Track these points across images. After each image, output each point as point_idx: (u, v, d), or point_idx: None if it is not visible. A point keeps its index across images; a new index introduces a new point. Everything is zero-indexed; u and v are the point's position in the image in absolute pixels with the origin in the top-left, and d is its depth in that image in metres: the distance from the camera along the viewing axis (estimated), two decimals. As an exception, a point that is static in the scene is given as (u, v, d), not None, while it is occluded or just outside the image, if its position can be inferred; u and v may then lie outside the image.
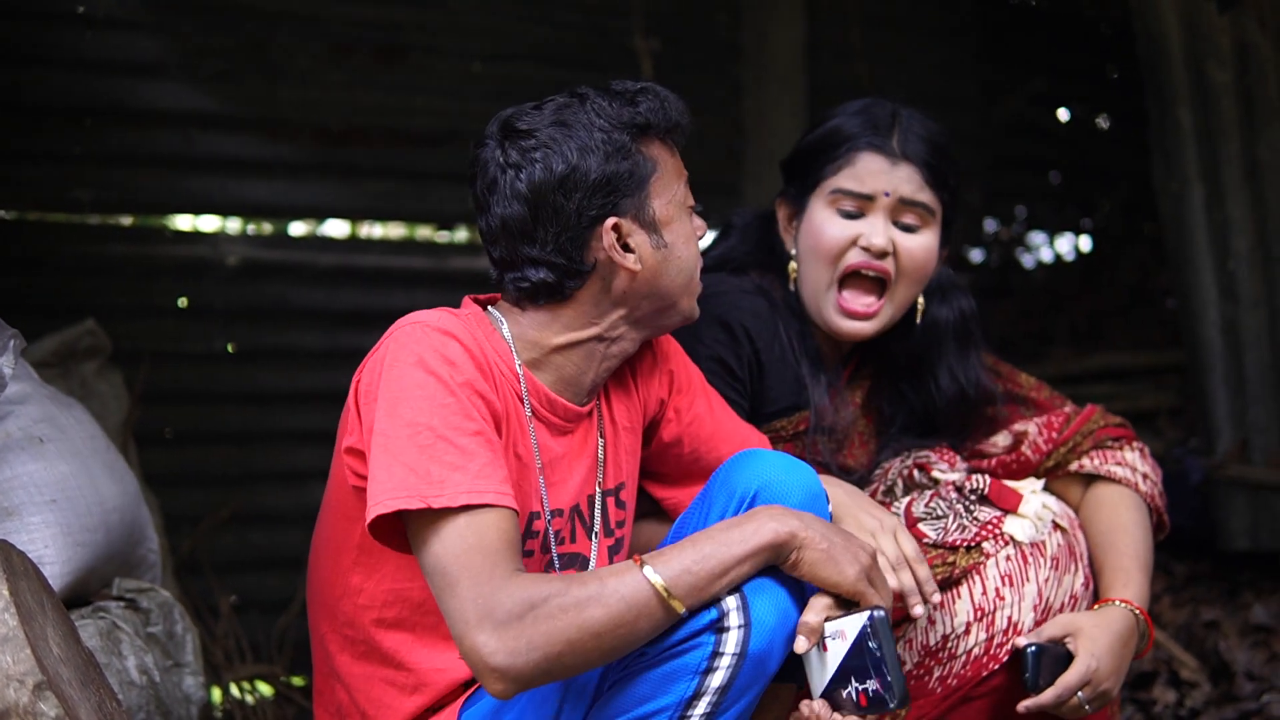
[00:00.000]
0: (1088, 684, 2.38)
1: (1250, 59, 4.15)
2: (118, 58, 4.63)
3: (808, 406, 2.68)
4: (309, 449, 4.88)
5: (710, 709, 2.01)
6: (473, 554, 1.93)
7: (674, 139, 2.26)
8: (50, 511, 2.57)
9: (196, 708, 2.75)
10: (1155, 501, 2.70)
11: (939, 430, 2.78)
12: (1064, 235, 7.31)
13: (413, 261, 5.28)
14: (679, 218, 2.25)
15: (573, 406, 2.26)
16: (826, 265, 2.64)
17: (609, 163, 2.16)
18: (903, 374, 2.80)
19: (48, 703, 1.90)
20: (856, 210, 2.63)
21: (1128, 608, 2.50)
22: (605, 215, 2.17)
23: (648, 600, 1.94)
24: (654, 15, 5.34)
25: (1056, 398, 2.84)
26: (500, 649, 1.88)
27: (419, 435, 1.99)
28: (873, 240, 2.61)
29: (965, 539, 2.52)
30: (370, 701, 2.24)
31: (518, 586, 1.91)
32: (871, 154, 2.64)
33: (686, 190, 2.28)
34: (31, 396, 2.74)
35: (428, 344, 2.06)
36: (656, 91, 2.25)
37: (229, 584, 4.46)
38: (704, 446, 2.48)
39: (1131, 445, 2.74)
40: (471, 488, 1.96)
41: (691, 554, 1.99)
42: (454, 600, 1.92)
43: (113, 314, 4.27)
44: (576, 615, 1.90)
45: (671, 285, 2.24)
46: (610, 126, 2.18)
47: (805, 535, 2.03)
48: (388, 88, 5.04)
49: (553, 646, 1.89)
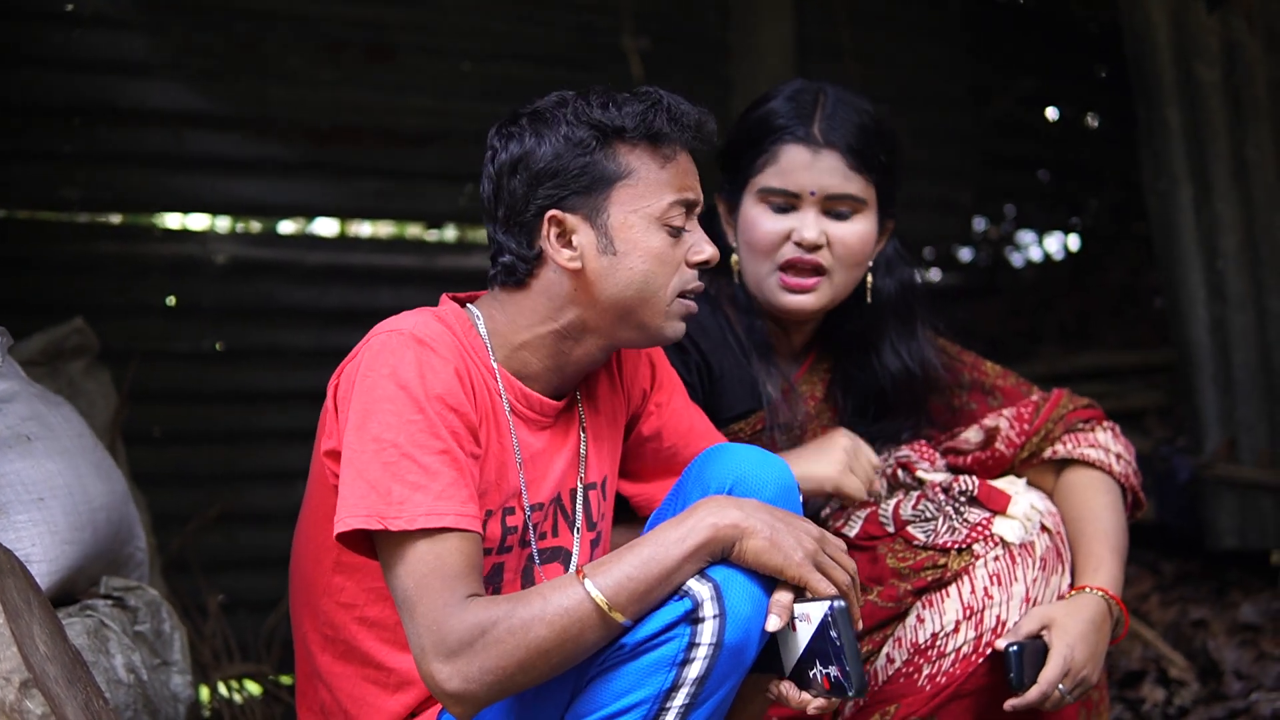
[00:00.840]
0: (1067, 674, 2.38)
1: (1238, 58, 4.16)
2: (107, 56, 4.64)
3: (763, 406, 2.68)
4: (297, 448, 4.84)
5: (689, 700, 2.01)
6: (430, 578, 1.97)
7: (664, 149, 2.21)
8: (37, 510, 2.56)
9: (184, 706, 2.75)
10: (1130, 481, 2.70)
11: (892, 412, 2.77)
12: (1053, 234, 7.33)
13: (401, 260, 5.28)
14: (645, 231, 2.19)
15: (549, 401, 2.26)
16: (764, 259, 2.65)
17: (561, 156, 2.16)
18: (851, 354, 2.79)
19: (34, 700, 1.90)
20: (787, 205, 2.63)
21: (1099, 594, 2.50)
22: (550, 206, 2.18)
23: (589, 614, 1.97)
24: (643, 14, 5.35)
25: (1023, 384, 2.83)
26: (454, 675, 1.94)
27: (384, 452, 2.02)
28: (804, 235, 2.60)
29: (956, 541, 2.52)
30: (353, 700, 2.24)
31: (469, 613, 1.95)
32: (794, 146, 2.62)
33: (676, 209, 2.20)
34: (19, 395, 2.74)
35: (401, 355, 2.07)
36: (654, 99, 2.22)
37: (217, 583, 4.45)
38: (681, 442, 2.48)
39: (1103, 425, 2.73)
40: (431, 509, 1.99)
41: (632, 561, 2.00)
42: (412, 627, 1.98)
43: (101, 312, 4.26)
44: (524, 636, 1.94)
45: (618, 296, 2.19)
46: (576, 122, 2.17)
47: (747, 524, 2.02)
48: (377, 87, 5.05)
49: (504, 669, 1.94)
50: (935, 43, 6.33)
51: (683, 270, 2.22)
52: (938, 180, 6.34)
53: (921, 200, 6.13)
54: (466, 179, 5.18)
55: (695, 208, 2.24)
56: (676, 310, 2.24)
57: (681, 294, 2.23)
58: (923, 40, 6.28)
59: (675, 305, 2.23)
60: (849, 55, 5.68)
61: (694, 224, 2.24)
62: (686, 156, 2.25)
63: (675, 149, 2.22)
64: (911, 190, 2.78)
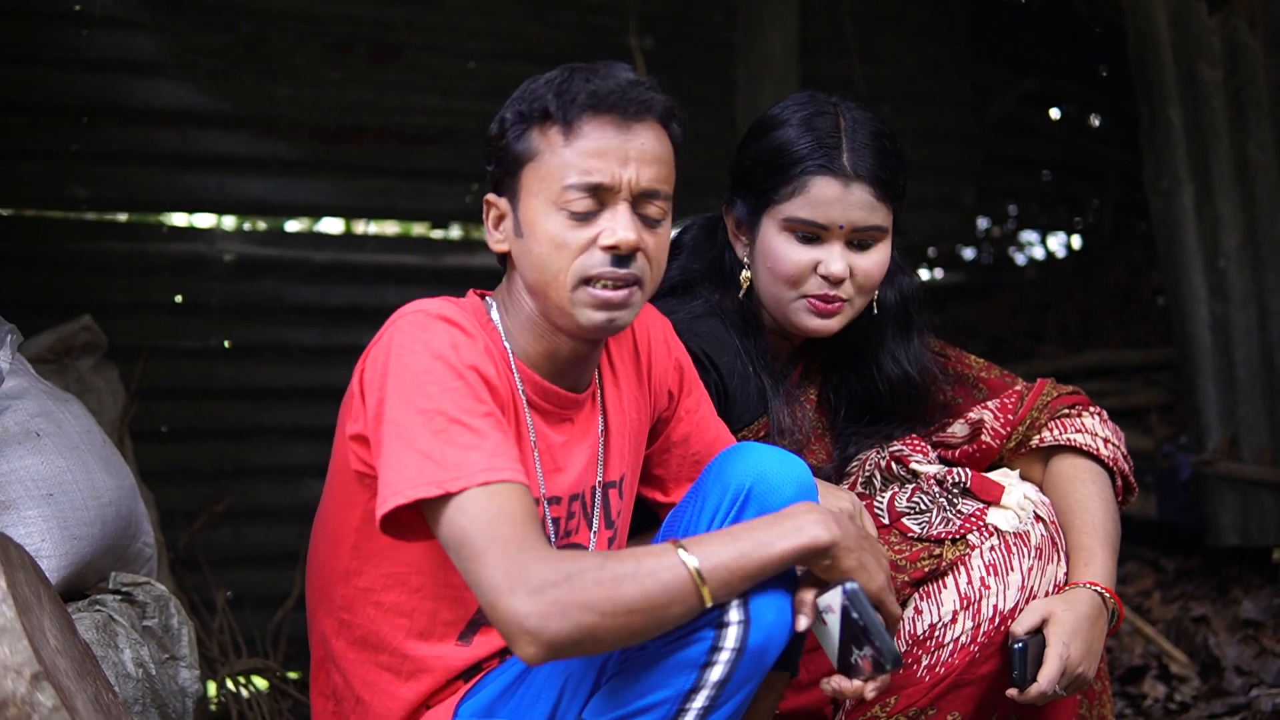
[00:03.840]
0: (1064, 673, 2.40)
1: (1240, 58, 4.16)
2: (114, 56, 4.65)
3: (767, 413, 2.69)
4: (304, 445, 4.91)
5: (708, 702, 2.01)
6: (499, 523, 1.91)
7: (571, 129, 2.10)
8: (47, 505, 2.58)
9: (192, 700, 2.76)
10: (1119, 464, 2.69)
11: (886, 416, 2.77)
12: (1055, 233, 7.34)
13: (407, 259, 5.29)
14: (544, 214, 2.12)
15: (564, 393, 2.25)
16: (788, 288, 2.61)
17: (493, 139, 2.19)
18: (847, 361, 2.79)
19: (45, 693, 1.91)
20: (813, 235, 2.60)
21: (1093, 589, 2.50)
22: (490, 189, 2.22)
23: (682, 585, 1.92)
24: (648, 14, 5.36)
25: (1007, 376, 2.83)
26: (535, 613, 1.86)
27: (432, 421, 1.98)
28: (832, 269, 2.56)
29: (950, 532, 2.53)
30: (366, 686, 2.24)
31: (553, 557, 1.90)
32: (825, 178, 2.56)
33: (573, 193, 2.10)
34: (28, 391, 2.75)
35: (432, 331, 2.06)
36: (555, 78, 2.14)
37: (224, 579, 4.47)
38: (706, 450, 2.46)
39: (1089, 410, 2.73)
40: (489, 465, 1.95)
41: (732, 547, 1.97)
42: (484, 569, 1.90)
43: (109, 310, 4.28)
44: (612, 589, 1.88)
45: (531, 278, 2.16)
46: (507, 105, 2.18)
47: (845, 543, 2.03)
48: (383, 86, 5.06)
49: (586, 617, 1.87)
50: (938, 43, 6.33)
51: (588, 255, 2.12)
52: (941, 179, 6.35)
53: (924, 199, 6.14)
54: (472, 178, 5.20)
55: (608, 190, 2.11)
56: (582, 299, 2.13)
57: (589, 280, 2.13)
58: (926, 40, 6.28)
59: (580, 293, 2.13)
60: (853, 56, 5.69)
61: (615, 206, 2.12)
62: (606, 133, 2.11)
63: (580, 127, 2.11)
64: (914, 189, 2.78)
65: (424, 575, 2.18)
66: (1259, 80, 4.14)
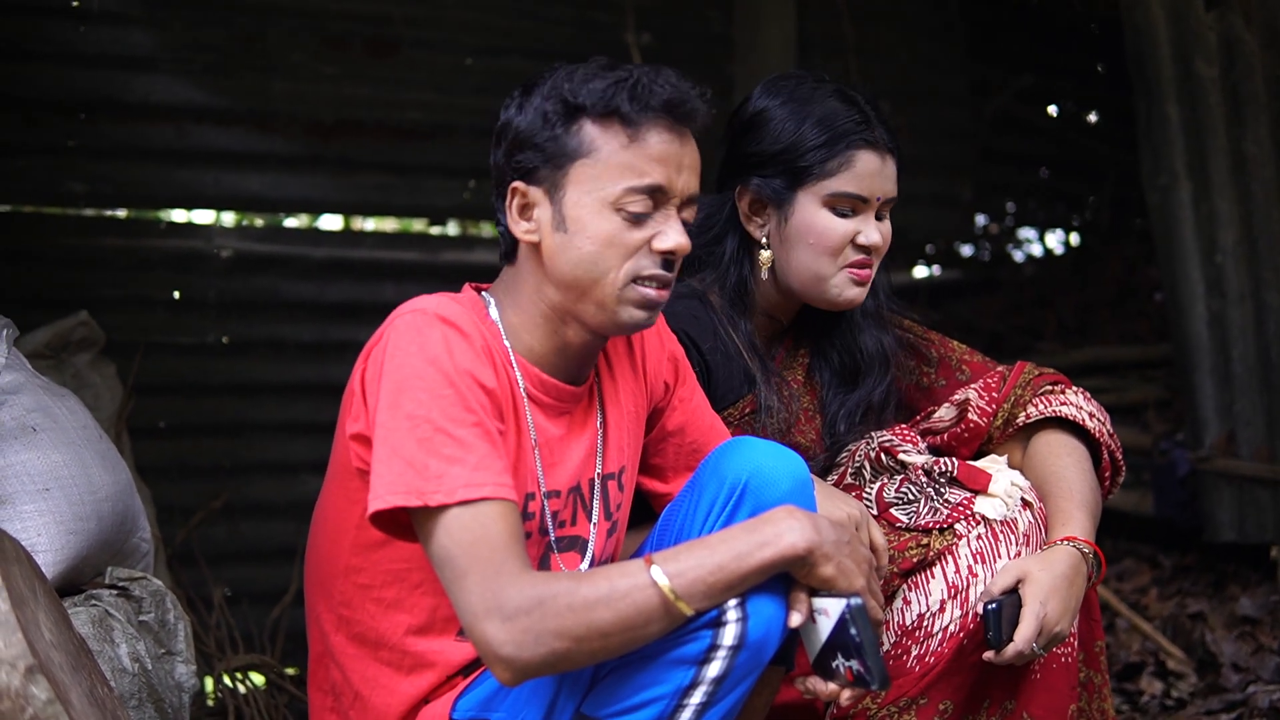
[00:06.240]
0: (1040, 632, 2.39)
1: (1237, 54, 4.16)
2: (111, 51, 4.65)
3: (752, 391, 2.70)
4: (301, 441, 4.91)
5: (706, 699, 2.02)
6: (479, 546, 1.94)
7: (632, 129, 2.12)
8: (43, 500, 2.58)
9: (188, 695, 2.76)
10: (1105, 439, 2.68)
11: (865, 375, 2.79)
12: (1053, 230, 7.35)
13: (404, 255, 5.30)
14: (596, 213, 2.12)
15: (565, 386, 2.25)
16: (829, 260, 2.65)
17: (530, 127, 2.15)
18: (830, 334, 2.82)
19: (39, 686, 1.91)
20: (853, 208, 2.65)
21: (1070, 544, 2.48)
22: (515, 176, 2.18)
23: (657, 606, 1.94)
24: (645, 10, 5.36)
25: (989, 361, 2.85)
26: (508, 640, 1.90)
27: (419, 428, 1.99)
28: (872, 239, 2.63)
29: (938, 521, 2.53)
30: (365, 681, 2.24)
31: (527, 583, 1.92)
32: (867, 152, 2.63)
33: (633, 196, 2.12)
34: (25, 386, 2.75)
35: (428, 333, 2.06)
36: (622, 75, 2.14)
37: (221, 575, 4.47)
38: (703, 439, 2.47)
39: (1072, 388, 2.75)
40: (470, 480, 1.97)
41: (709, 561, 1.97)
42: (463, 593, 1.94)
43: (106, 306, 4.29)
44: (585, 614, 1.91)
45: (569, 275, 2.15)
46: (551, 95, 2.15)
47: (822, 551, 2.02)
48: (380, 81, 5.06)
49: (559, 642, 1.91)
50: (936, 39, 6.34)
51: (640, 256, 2.14)
52: (938, 176, 6.35)
53: (922, 196, 6.15)
54: (469, 174, 5.20)
55: (664, 194, 2.14)
56: (630, 296, 2.15)
57: (639, 280, 2.15)
58: (923, 37, 6.29)
59: (629, 291, 2.15)
60: (851, 51, 5.70)
61: (667, 210, 2.15)
62: (666, 138, 2.15)
63: (645, 130, 2.13)
64: (912, 186, 2.81)
65: (423, 571, 2.18)
66: (1255, 76, 4.14)
